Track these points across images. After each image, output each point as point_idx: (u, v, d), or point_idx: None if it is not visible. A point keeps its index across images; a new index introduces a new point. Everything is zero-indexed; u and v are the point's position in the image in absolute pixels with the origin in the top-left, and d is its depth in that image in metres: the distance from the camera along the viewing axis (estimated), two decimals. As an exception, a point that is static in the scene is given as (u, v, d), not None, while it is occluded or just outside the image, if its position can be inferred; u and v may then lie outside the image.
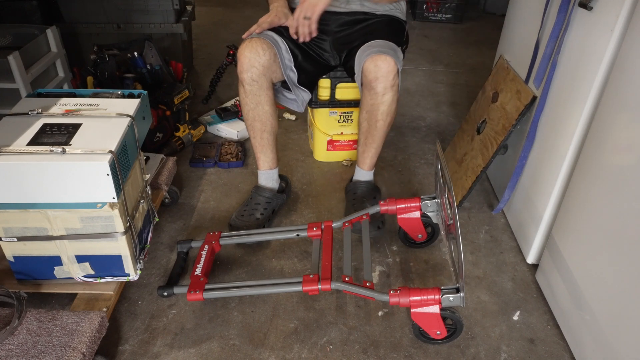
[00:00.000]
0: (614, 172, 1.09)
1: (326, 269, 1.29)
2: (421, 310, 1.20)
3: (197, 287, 1.29)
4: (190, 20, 2.64)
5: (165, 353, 1.26)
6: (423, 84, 2.77)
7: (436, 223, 1.55)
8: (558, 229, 1.34)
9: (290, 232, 1.48)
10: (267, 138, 1.64)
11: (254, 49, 1.48)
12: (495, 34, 2.06)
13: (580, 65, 1.26)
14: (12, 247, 1.22)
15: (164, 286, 1.35)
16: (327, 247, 1.38)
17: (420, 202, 1.46)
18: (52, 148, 1.11)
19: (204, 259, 1.39)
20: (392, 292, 1.21)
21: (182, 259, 1.47)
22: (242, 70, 1.50)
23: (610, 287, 1.10)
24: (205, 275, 1.34)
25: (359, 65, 1.49)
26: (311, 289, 1.25)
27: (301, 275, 1.28)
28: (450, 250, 1.30)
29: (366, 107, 1.54)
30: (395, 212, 1.48)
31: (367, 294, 1.24)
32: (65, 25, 2.35)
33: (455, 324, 1.25)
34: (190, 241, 1.49)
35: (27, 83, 1.85)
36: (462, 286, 1.16)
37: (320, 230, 1.44)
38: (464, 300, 1.18)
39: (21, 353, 1.07)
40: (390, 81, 1.45)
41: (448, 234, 1.32)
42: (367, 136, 1.61)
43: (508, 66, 1.68)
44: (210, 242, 1.45)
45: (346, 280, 1.26)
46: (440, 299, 1.18)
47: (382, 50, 1.45)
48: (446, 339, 1.27)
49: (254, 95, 1.54)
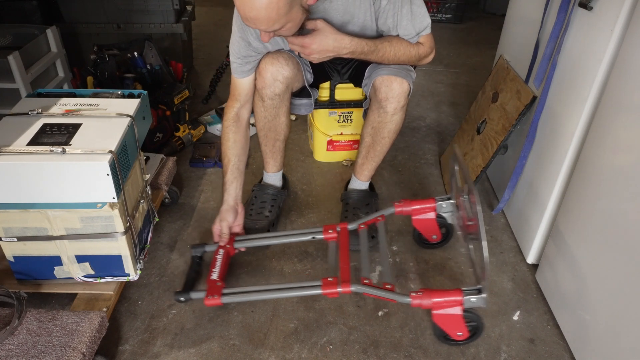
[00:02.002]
0: (614, 172, 1.09)
1: (345, 271, 1.28)
2: (443, 312, 1.19)
3: (215, 292, 1.27)
4: (190, 20, 2.64)
5: (165, 353, 1.26)
6: (423, 84, 2.77)
7: (451, 224, 1.54)
8: (558, 229, 1.34)
9: (306, 234, 1.46)
10: (279, 146, 1.64)
11: (277, 61, 1.41)
12: (495, 34, 2.06)
13: (580, 65, 1.25)
14: (12, 247, 1.22)
15: (181, 291, 1.31)
16: (344, 250, 1.36)
17: (435, 203, 1.45)
18: (52, 148, 1.11)
19: (220, 263, 1.37)
20: (413, 294, 1.20)
21: (196, 264, 1.44)
22: (264, 86, 1.43)
23: (611, 287, 1.10)
24: (222, 279, 1.33)
25: (370, 78, 1.46)
26: (331, 292, 1.23)
27: (320, 279, 1.26)
28: (470, 251, 1.30)
29: (372, 123, 1.50)
30: (410, 214, 1.48)
31: (388, 297, 1.22)
32: (65, 25, 2.35)
33: (476, 324, 1.24)
34: (204, 245, 1.47)
35: (27, 83, 1.85)
36: (485, 287, 1.15)
37: (336, 233, 1.43)
38: (486, 301, 1.17)
39: (21, 353, 1.07)
40: (401, 102, 1.42)
41: (467, 234, 1.31)
42: (369, 150, 1.58)
43: (508, 66, 1.68)
44: (224, 245, 1.44)
45: (366, 282, 1.24)
46: (462, 300, 1.17)
47: (397, 72, 1.40)
48: (468, 340, 1.26)
49: (274, 108, 1.50)
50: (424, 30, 1.37)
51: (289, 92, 1.51)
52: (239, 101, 1.49)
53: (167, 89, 2.00)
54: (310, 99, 1.62)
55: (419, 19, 1.34)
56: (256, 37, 1.39)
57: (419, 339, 1.30)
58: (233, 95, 1.49)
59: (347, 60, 1.64)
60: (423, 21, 1.35)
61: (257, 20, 1.12)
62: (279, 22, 1.14)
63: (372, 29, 1.38)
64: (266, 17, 1.10)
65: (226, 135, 1.48)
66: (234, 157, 1.48)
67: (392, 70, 1.41)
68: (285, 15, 1.13)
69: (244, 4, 1.09)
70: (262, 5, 1.08)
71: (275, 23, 1.13)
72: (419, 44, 1.39)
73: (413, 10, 1.32)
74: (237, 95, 1.49)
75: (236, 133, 1.48)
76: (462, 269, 1.53)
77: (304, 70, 1.53)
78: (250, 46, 1.41)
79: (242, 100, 1.49)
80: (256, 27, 1.16)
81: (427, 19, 1.36)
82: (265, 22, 1.12)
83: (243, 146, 1.50)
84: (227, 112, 1.50)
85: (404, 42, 1.37)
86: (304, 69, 1.54)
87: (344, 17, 1.33)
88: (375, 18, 1.35)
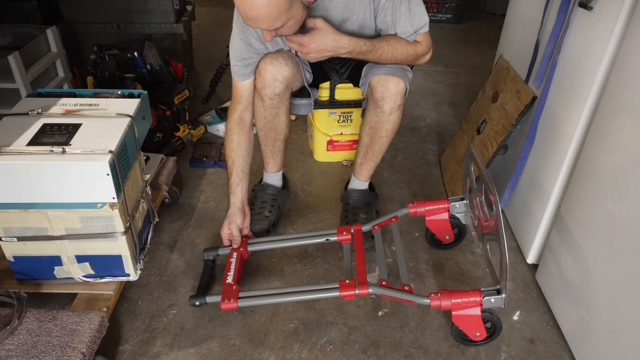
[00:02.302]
0: (614, 172, 1.09)
1: (361, 273, 1.27)
2: (462, 312, 1.19)
3: (231, 296, 1.27)
4: (190, 20, 2.64)
5: (165, 353, 1.26)
6: (423, 84, 2.77)
7: (464, 224, 1.54)
8: (558, 229, 1.34)
9: (320, 237, 1.46)
10: (279, 146, 1.64)
11: (276, 61, 1.40)
12: (495, 34, 2.06)
13: (580, 65, 1.25)
14: (12, 247, 1.22)
15: (196, 296, 1.32)
16: (360, 251, 1.36)
17: (449, 203, 1.45)
18: (52, 148, 1.11)
19: (234, 266, 1.37)
20: (433, 295, 1.19)
21: (209, 267, 1.44)
22: (263, 86, 1.42)
23: (611, 287, 1.10)
24: (237, 282, 1.33)
25: (367, 77, 1.46)
26: (349, 294, 1.23)
27: (337, 281, 1.25)
28: (486, 251, 1.29)
29: (370, 123, 1.50)
30: (424, 214, 1.48)
31: (406, 298, 1.21)
32: (65, 25, 2.35)
33: (494, 325, 1.24)
34: (217, 248, 1.46)
35: (27, 83, 1.85)
36: (504, 287, 1.15)
37: (350, 235, 1.43)
38: (506, 302, 1.17)
39: (21, 353, 1.07)
40: (398, 102, 1.42)
41: (483, 234, 1.31)
42: (367, 150, 1.58)
43: (508, 66, 1.68)
44: (237, 249, 1.43)
45: (383, 284, 1.24)
46: (482, 301, 1.17)
47: (393, 71, 1.40)
48: (485, 341, 1.26)
49: (273, 108, 1.50)
50: (422, 28, 1.37)
51: (289, 92, 1.51)
52: (241, 104, 1.49)
53: (167, 89, 2.00)
54: (309, 99, 1.62)
55: (417, 17, 1.34)
56: (257, 37, 1.39)
57: (419, 339, 1.30)
58: (235, 98, 1.50)
59: (346, 60, 1.63)
60: (421, 19, 1.35)
61: (258, 19, 1.11)
62: (280, 20, 1.13)
63: (371, 27, 1.38)
64: (267, 15, 1.10)
65: (230, 138, 1.49)
66: (239, 159, 1.48)
67: (388, 70, 1.41)
68: (286, 13, 1.12)
69: (244, 3, 1.09)
70: (263, 4, 1.08)
71: (277, 21, 1.13)
72: (417, 42, 1.39)
73: (411, 7, 1.33)
74: (239, 97, 1.49)
75: (240, 135, 1.49)
76: (462, 269, 1.53)
77: (303, 70, 1.53)
78: (252, 48, 1.41)
79: (245, 103, 1.49)
80: (257, 26, 1.15)
81: (425, 17, 1.36)
82: (267, 20, 1.12)
83: (247, 148, 1.50)
84: (230, 115, 1.50)
85: (402, 41, 1.37)
86: (303, 68, 1.54)
87: (344, 14, 1.33)
88: (375, 15, 1.35)
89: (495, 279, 1.21)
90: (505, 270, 1.13)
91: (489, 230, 1.25)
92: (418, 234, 1.66)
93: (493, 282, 1.23)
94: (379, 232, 1.43)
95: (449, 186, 1.85)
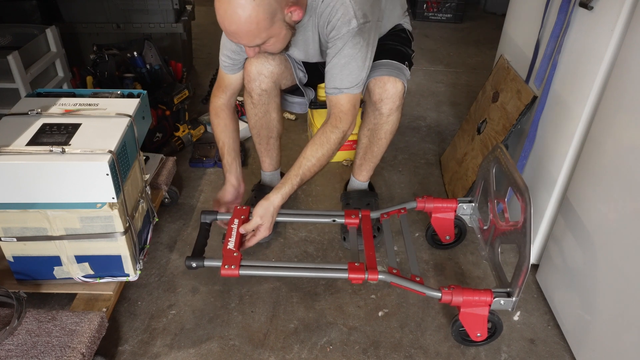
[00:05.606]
0: (614, 172, 1.09)
1: (371, 258, 1.24)
2: (470, 310, 1.19)
3: (233, 262, 1.20)
4: (190, 19, 2.64)
5: (165, 353, 1.26)
6: (423, 83, 2.77)
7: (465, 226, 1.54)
8: (558, 230, 1.34)
9: (327, 216, 1.43)
10: (273, 143, 1.64)
11: (262, 55, 1.41)
12: (496, 34, 2.06)
13: (580, 65, 1.25)
14: (12, 247, 1.22)
15: (192, 257, 1.24)
16: (368, 237, 1.33)
17: (457, 204, 1.45)
18: (51, 148, 1.11)
19: (235, 232, 1.29)
20: (445, 289, 1.18)
21: (205, 230, 1.37)
22: (249, 80, 1.44)
23: (611, 288, 1.10)
24: (238, 249, 1.26)
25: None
26: (358, 277, 1.19)
27: (346, 262, 1.22)
28: (496, 254, 1.29)
29: (369, 125, 1.50)
30: (432, 211, 1.47)
31: (417, 289, 1.19)
32: (65, 25, 2.35)
33: (495, 325, 1.24)
34: (216, 212, 1.41)
35: (26, 83, 1.85)
36: (516, 290, 1.14)
37: (358, 219, 1.41)
38: (515, 305, 1.16)
39: (21, 353, 1.07)
40: (396, 103, 1.41)
41: (494, 237, 1.30)
42: (366, 151, 1.58)
43: (508, 66, 1.68)
44: (239, 216, 1.35)
45: (394, 272, 1.21)
46: (492, 301, 1.17)
47: (390, 72, 1.39)
48: (486, 341, 1.26)
49: (263, 104, 1.50)
50: (347, 89, 1.28)
51: (277, 89, 1.52)
52: (225, 93, 1.50)
53: (167, 89, 2.00)
54: (303, 98, 1.63)
55: (347, 75, 1.26)
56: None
57: (419, 339, 1.30)
58: (220, 86, 1.50)
59: None
60: (351, 79, 1.27)
61: (237, 34, 1.13)
62: (260, 37, 1.15)
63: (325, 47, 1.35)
64: (246, 31, 1.12)
65: (216, 122, 1.50)
66: (229, 139, 1.49)
67: (385, 70, 1.40)
68: (267, 30, 1.14)
69: (224, 19, 1.11)
70: (242, 20, 1.09)
71: (256, 38, 1.15)
72: (334, 128, 1.31)
73: (350, 64, 1.25)
74: (224, 87, 1.49)
75: (225, 118, 1.49)
76: (462, 269, 1.53)
77: (295, 68, 1.53)
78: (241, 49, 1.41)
79: (229, 92, 1.50)
80: (238, 41, 1.18)
81: (356, 80, 1.27)
82: (246, 36, 1.14)
83: (234, 129, 1.52)
84: (213, 102, 1.50)
85: (316, 145, 1.33)
86: (295, 67, 1.54)
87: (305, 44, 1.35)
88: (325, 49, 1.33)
89: (505, 281, 1.20)
90: (524, 274, 1.11)
91: (503, 233, 1.24)
92: (418, 233, 1.66)
93: (498, 284, 1.22)
94: (387, 221, 1.42)
95: (449, 186, 1.84)
